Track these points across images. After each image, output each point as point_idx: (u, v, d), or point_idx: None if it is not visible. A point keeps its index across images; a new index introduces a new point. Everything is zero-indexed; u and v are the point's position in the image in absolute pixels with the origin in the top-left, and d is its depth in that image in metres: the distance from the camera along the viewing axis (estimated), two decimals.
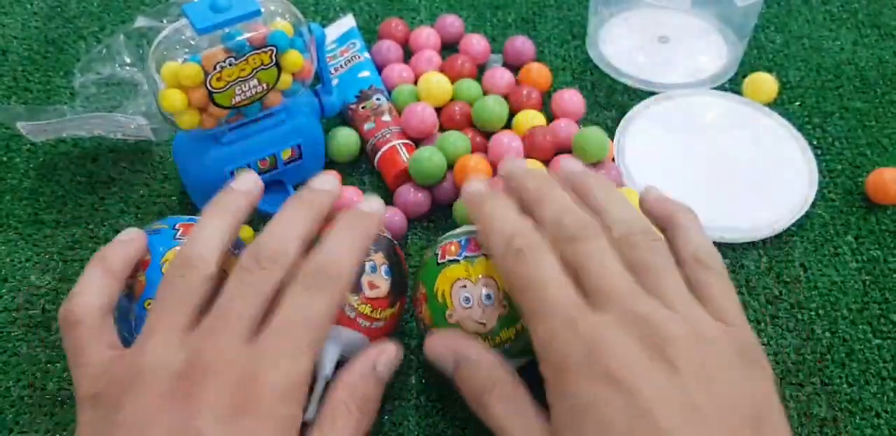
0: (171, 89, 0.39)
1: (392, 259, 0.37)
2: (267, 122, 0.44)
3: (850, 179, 0.50)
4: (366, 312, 0.36)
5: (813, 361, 0.42)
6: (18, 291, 0.44)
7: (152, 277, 0.36)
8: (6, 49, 0.57)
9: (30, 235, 0.47)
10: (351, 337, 0.36)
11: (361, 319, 0.35)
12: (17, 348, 0.42)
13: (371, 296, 0.36)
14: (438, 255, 0.37)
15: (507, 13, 0.60)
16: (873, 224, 0.48)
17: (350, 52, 0.55)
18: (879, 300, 0.44)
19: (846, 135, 0.52)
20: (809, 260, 0.46)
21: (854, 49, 0.58)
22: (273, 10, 0.41)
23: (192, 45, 0.39)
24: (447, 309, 0.36)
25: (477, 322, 0.35)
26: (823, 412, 0.40)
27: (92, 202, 0.48)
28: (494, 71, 0.53)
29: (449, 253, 0.37)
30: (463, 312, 0.35)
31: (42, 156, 0.51)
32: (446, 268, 0.36)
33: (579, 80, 0.56)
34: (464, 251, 0.37)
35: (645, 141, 0.51)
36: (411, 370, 0.41)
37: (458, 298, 0.35)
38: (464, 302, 0.35)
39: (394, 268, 0.37)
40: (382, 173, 0.49)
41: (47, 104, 0.54)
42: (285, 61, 0.41)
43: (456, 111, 0.50)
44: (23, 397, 0.40)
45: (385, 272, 0.37)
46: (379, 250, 0.37)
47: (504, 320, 0.35)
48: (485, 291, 0.35)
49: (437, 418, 0.39)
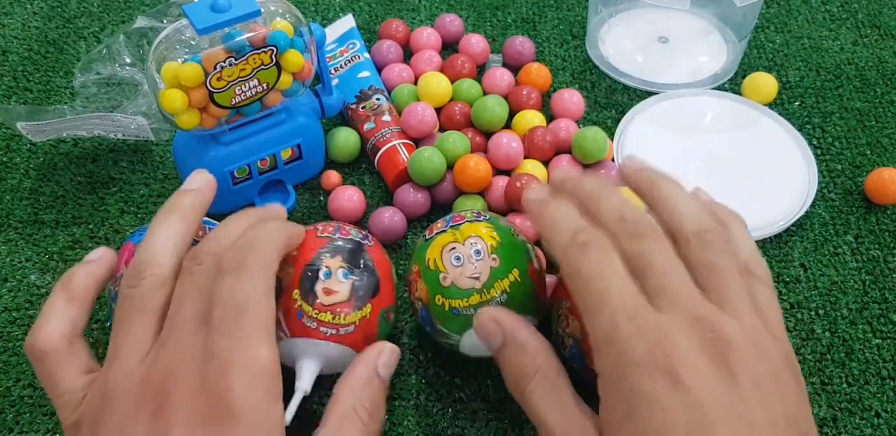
0: (171, 89, 0.39)
1: (354, 261, 0.36)
2: (267, 122, 0.44)
3: (850, 178, 0.50)
4: (327, 320, 0.34)
5: (813, 360, 0.42)
6: (18, 291, 0.44)
7: None
8: (6, 49, 0.57)
9: (30, 235, 0.47)
10: (321, 347, 0.35)
11: (325, 328, 0.34)
12: (17, 348, 0.42)
13: (328, 302, 0.34)
14: (426, 234, 0.38)
15: (507, 13, 0.60)
16: (873, 224, 0.48)
17: (350, 52, 0.55)
18: (879, 300, 0.44)
19: (846, 135, 0.53)
20: (809, 260, 0.46)
21: (854, 49, 0.58)
22: (273, 10, 0.41)
23: (193, 45, 0.39)
24: (440, 273, 0.36)
25: (470, 277, 0.35)
26: (823, 412, 0.40)
27: (92, 202, 0.48)
28: (494, 71, 0.53)
29: (435, 229, 0.38)
30: (455, 271, 0.36)
31: (42, 156, 0.51)
32: (434, 240, 0.37)
33: (579, 80, 0.56)
34: (448, 223, 0.38)
35: (645, 141, 0.51)
36: (411, 370, 0.41)
37: (448, 260, 0.36)
38: (454, 261, 0.36)
39: (356, 270, 0.36)
40: (382, 173, 0.49)
41: (47, 104, 0.54)
42: (285, 61, 0.41)
43: (456, 111, 0.50)
44: (23, 397, 0.40)
45: (343, 276, 0.35)
46: (336, 254, 0.36)
47: (497, 272, 0.35)
48: (474, 248, 0.36)
49: (437, 418, 0.39)
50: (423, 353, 0.41)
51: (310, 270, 0.35)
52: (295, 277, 0.35)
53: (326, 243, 0.36)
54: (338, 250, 0.36)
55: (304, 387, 0.34)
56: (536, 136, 0.48)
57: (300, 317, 0.34)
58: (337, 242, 0.36)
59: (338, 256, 0.36)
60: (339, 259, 0.36)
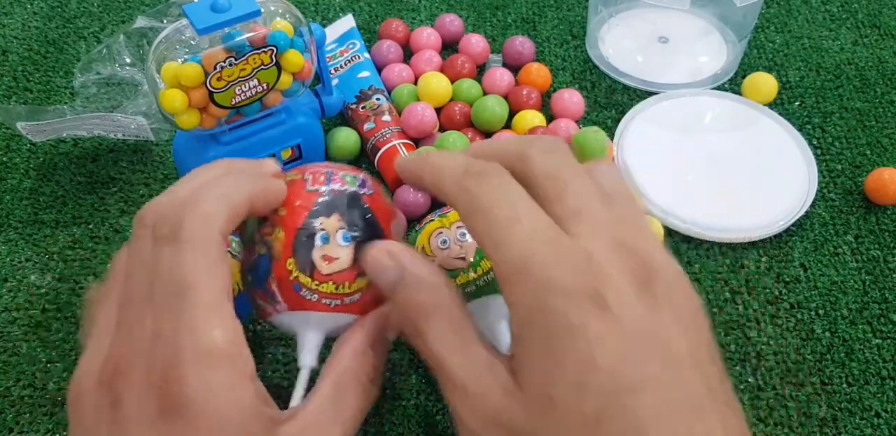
0: (171, 89, 0.39)
1: (352, 219, 0.31)
2: (267, 122, 0.44)
3: (850, 178, 0.50)
4: (329, 291, 0.30)
5: (813, 360, 0.42)
6: (18, 291, 0.44)
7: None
8: (6, 49, 0.57)
9: (30, 234, 0.47)
10: (324, 319, 0.31)
11: (327, 299, 0.31)
12: (17, 348, 0.42)
13: (329, 272, 0.30)
14: (415, 226, 0.38)
15: (507, 13, 0.60)
16: (873, 224, 0.48)
17: (350, 52, 0.55)
18: (879, 300, 0.44)
19: (846, 135, 0.53)
20: (809, 260, 0.46)
21: (854, 49, 0.58)
22: (273, 10, 0.41)
23: (193, 45, 0.39)
24: (428, 259, 0.36)
25: (457, 258, 0.35)
26: (823, 412, 0.40)
27: (92, 202, 0.48)
28: (494, 71, 0.53)
29: (425, 220, 0.38)
30: (442, 254, 0.35)
31: (42, 156, 0.51)
32: (423, 229, 0.37)
33: (579, 80, 0.56)
34: (437, 212, 0.37)
35: (645, 141, 0.51)
36: (411, 370, 0.41)
37: (435, 245, 0.36)
38: (441, 244, 0.35)
39: (356, 228, 0.31)
40: (382, 173, 0.49)
41: (47, 104, 0.54)
42: (285, 61, 0.41)
43: (456, 111, 0.50)
44: (23, 397, 0.40)
45: (343, 239, 0.31)
46: (333, 212, 0.31)
47: (482, 251, 0.34)
48: (460, 230, 0.35)
49: (437, 418, 0.39)
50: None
51: (304, 235, 0.30)
52: (287, 244, 0.30)
53: (319, 199, 0.31)
54: (334, 207, 0.31)
55: (308, 364, 0.31)
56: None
57: (298, 290, 0.30)
58: (332, 196, 0.31)
59: (334, 214, 0.31)
60: (337, 218, 0.31)
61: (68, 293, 0.44)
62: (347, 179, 0.32)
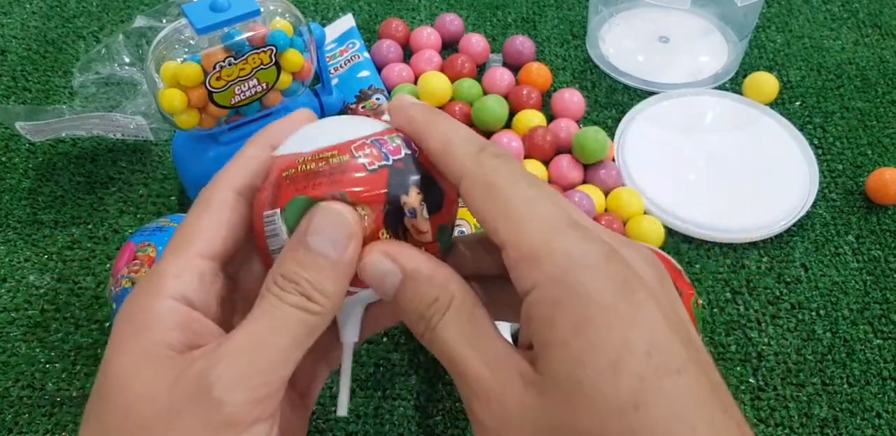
0: (170, 89, 0.39)
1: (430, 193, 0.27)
2: (266, 122, 0.44)
3: (851, 178, 0.50)
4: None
5: (814, 361, 0.42)
6: (17, 291, 0.44)
7: None
8: (5, 49, 0.57)
9: (29, 235, 0.47)
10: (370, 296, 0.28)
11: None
12: (16, 349, 0.42)
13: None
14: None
15: (507, 13, 0.60)
16: (874, 224, 0.48)
17: (350, 51, 0.55)
18: (880, 300, 0.44)
19: (847, 135, 0.52)
20: (810, 260, 0.46)
21: (855, 49, 0.58)
22: (273, 10, 0.40)
23: (192, 45, 0.39)
24: None
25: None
26: (824, 413, 0.40)
27: (91, 202, 0.48)
28: (494, 71, 0.53)
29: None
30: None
31: (41, 156, 0.51)
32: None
33: (579, 80, 0.56)
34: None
35: (645, 141, 0.51)
36: (411, 370, 0.41)
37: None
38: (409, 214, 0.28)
39: (430, 198, 0.27)
40: None
41: (46, 104, 0.54)
42: (285, 61, 0.40)
43: (456, 111, 0.50)
44: (22, 397, 0.40)
45: (425, 212, 0.27)
46: (411, 187, 0.27)
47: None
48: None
49: (437, 419, 0.39)
50: (423, 353, 0.41)
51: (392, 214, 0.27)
52: (379, 220, 0.27)
53: (390, 176, 0.27)
54: (406, 182, 0.27)
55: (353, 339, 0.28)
56: (537, 135, 0.48)
57: None
58: (400, 170, 0.27)
59: (412, 189, 0.27)
60: (415, 192, 0.27)
61: (67, 294, 0.44)
62: (398, 141, 0.28)
